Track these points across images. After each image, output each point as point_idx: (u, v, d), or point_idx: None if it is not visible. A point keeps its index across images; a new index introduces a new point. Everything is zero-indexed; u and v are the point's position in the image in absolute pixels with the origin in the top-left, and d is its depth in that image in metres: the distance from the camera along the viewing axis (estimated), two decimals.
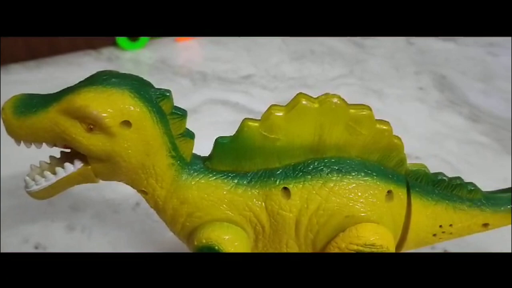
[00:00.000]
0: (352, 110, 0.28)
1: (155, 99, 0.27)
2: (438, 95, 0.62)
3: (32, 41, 0.69)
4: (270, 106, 0.28)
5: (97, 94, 0.25)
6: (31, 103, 0.26)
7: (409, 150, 0.51)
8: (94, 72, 0.28)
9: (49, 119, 0.26)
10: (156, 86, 0.28)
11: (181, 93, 0.62)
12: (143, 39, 0.73)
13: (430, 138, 0.53)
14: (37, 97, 0.27)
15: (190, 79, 0.65)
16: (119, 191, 0.44)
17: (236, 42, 0.77)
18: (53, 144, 0.27)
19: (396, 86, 0.64)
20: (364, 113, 0.28)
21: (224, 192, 0.28)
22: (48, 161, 0.28)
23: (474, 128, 0.55)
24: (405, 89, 0.63)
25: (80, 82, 0.27)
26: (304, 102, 0.28)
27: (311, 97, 0.28)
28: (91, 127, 0.25)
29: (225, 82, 0.64)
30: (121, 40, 0.72)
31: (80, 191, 0.45)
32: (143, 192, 0.29)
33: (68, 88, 0.27)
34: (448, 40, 0.77)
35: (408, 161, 0.31)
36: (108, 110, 0.25)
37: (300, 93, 0.28)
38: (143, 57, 0.72)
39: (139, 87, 0.26)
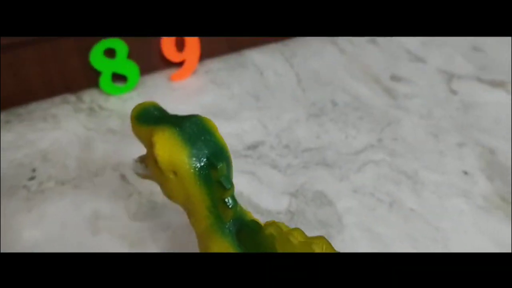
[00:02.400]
0: None
1: (206, 165, 0.31)
2: (486, 186, 0.51)
3: (1, 87, 0.58)
4: (295, 231, 0.28)
5: (169, 138, 0.31)
6: (146, 115, 0.33)
7: None
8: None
9: (145, 134, 0.33)
10: None
11: None
12: (132, 80, 0.62)
13: None
14: (152, 112, 0.33)
15: None
16: None
17: (243, 82, 0.65)
18: None
19: (434, 167, 0.53)
20: None
21: None
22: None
23: None
24: (446, 172, 0.52)
25: (177, 117, 0.33)
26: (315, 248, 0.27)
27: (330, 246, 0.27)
28: (155, 160, 0.31)
29: None
30: (104, 83, 0.61)
31: None
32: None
33: (170, 116, 0.33)
34: (498, 87, 0.64)
35: None
36: (166, 157, 0.31)
37: (323, 238, 0.28)
38: (130, 104, 0.60)
39: (203, 151, 0.31)
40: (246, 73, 0.67)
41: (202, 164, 0.30)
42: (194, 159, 0.30)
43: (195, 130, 0.31)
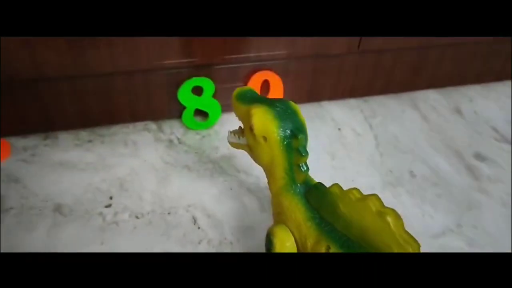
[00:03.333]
0: None
1: (290, 136, 0.40)
2: None
3: (88, 108, 0.59)
4: (354, 189, 0.36)
5: (264, 113, 0.40)
6: (245, 96, 0.43)
7: None
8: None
9: (243, 111, 0.43)
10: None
11: (243, 220, 0.51)
12: (213, 118, 0.62)
13: None
14: (249, 94, 0.43)
15: (257, 199, 0.54)
16: None
17: (320, 136, 0.64)
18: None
19: None
20: None
21: (300, 217, 0.39)
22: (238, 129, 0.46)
23: None
24: None
25: (269, 99, 0.42)
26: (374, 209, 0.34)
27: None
28: (251, 128, 0.41)
29: None
30: (187, 118, 0.61)
31: None
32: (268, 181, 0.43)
33: (263, 98, 0.43)
34: None
35: None
36: (260, 126, 0.40)
37: (376, 196, 0.35)
38: (208, 141, 0.61)
39: (288, 125, 0.40)
40: (323, 126, 0.66)
41: (287, 134, 0.40)
42: (281, 129, 0.40)
43: (283, 109, 0.40)
